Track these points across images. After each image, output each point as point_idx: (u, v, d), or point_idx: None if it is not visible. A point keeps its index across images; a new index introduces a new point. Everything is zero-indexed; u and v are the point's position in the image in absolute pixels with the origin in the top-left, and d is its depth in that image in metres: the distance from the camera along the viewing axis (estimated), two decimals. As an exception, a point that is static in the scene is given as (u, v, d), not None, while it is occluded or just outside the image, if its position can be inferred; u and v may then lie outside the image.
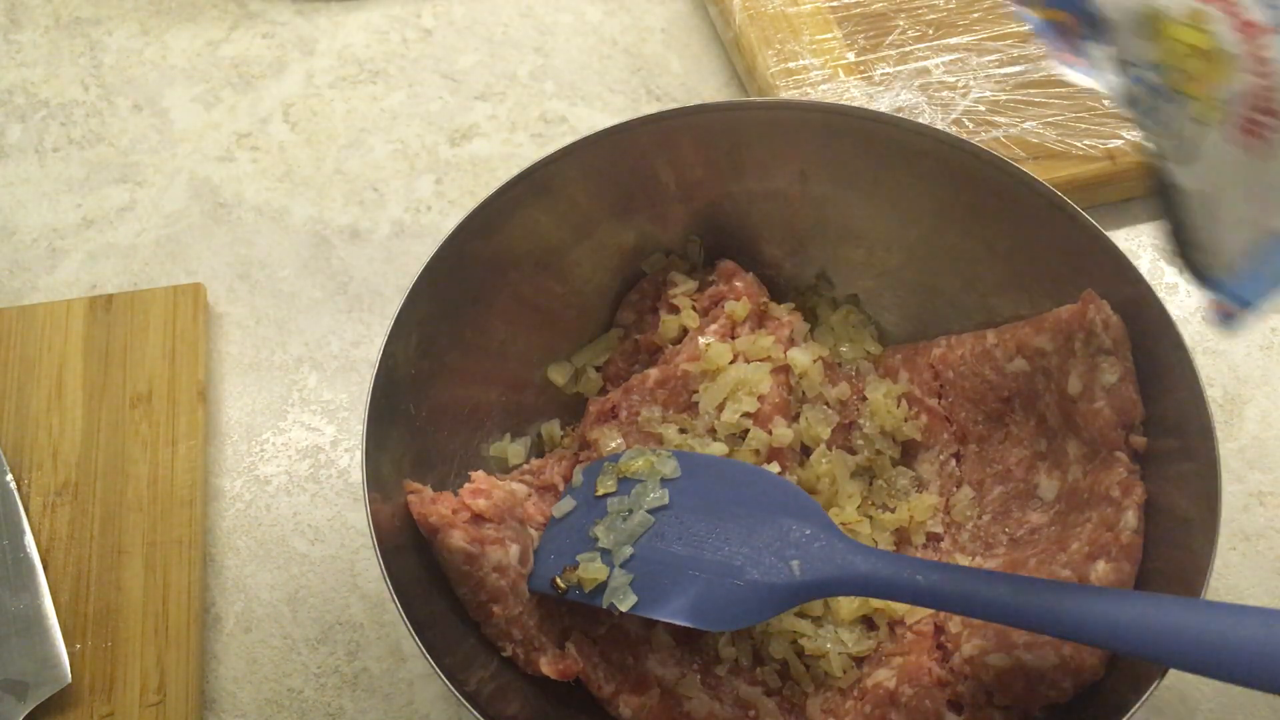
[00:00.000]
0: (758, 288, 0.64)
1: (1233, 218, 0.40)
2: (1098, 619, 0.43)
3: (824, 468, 0.59)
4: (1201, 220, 0.40)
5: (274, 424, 0.71)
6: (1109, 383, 0.54)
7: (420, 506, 0.53)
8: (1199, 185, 0.39)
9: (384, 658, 0.62)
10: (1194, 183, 0.39)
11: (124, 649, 0.61)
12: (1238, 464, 0.68)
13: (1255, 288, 0.41)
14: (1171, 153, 0.39)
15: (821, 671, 0.56)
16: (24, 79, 0.87)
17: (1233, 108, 0.38)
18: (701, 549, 0.52)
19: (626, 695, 0.53)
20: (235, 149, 0.83)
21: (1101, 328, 0.55)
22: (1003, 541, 0.58)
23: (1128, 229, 0.77)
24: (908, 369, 0.63)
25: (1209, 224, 0.40)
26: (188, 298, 0.72)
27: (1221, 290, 0.41)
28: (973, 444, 0.61)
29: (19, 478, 0.66)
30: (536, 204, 0.61)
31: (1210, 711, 0.60)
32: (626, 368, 0.66)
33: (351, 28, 0.89)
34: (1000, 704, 0.51)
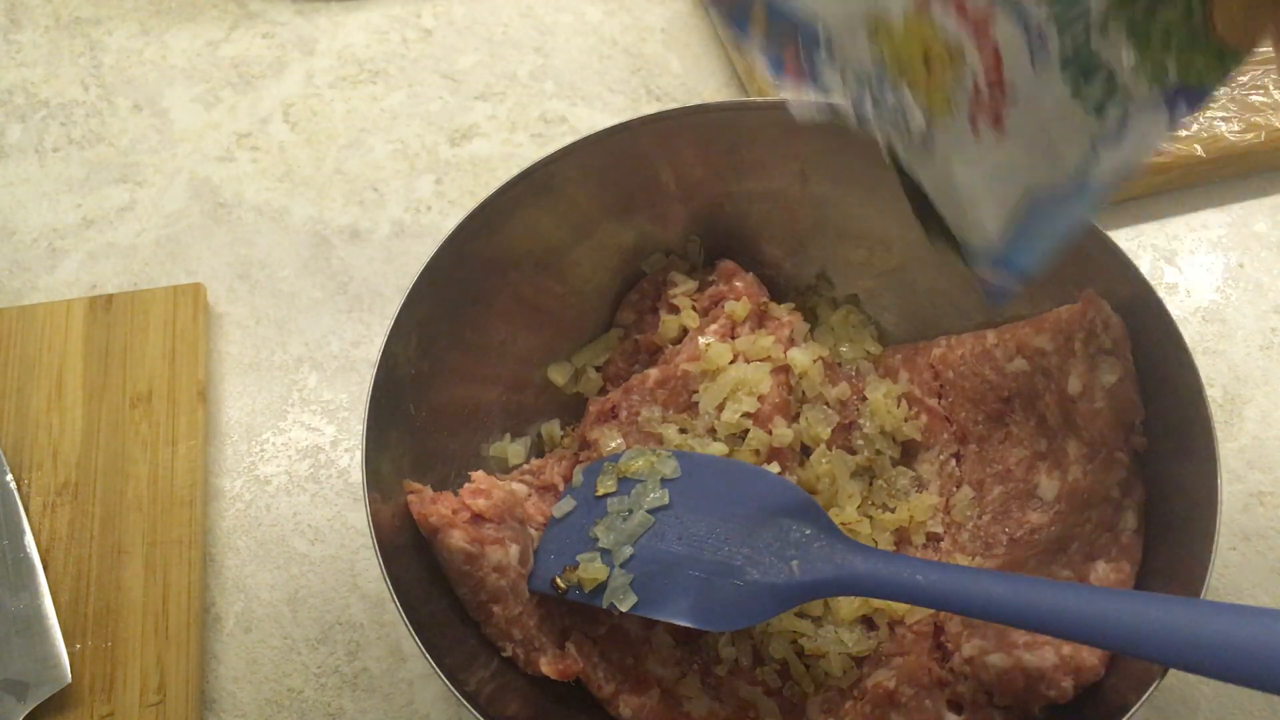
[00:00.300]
0: (758, 288, 0.64)
1: (983, 195, 0.41)
2: (1098, 619, 0.43)
3: (824, 468, 0.59)
4: (952, 207, 0.41)
5: (274, 424, 0.71)
6: (1109, 383, 0.54)
7: (420, 506, 0.53)
8: (940, 175, 0.40)
9: (384, 658, 0.62)
10: (934, 173, 0.40)
11: (124, 649, 0.61)
12: (1238, 464, 0.68)
13: (1026, 252, 0.42)
14: (906, 150, 0.39)
15: (821, 671, 0.56)
16: (24, 79, 0.87)
17: (961, 95, 0.39)
18: (701, 549, 0.52)
19: (626, 695, 0.53)
20: (235, 149, 0.83)
21: (1101, 328, 0.55)
22: (1003, 541, 0.58)
23: (1128, 229, 0.77)
24: (908, 369, 0.63)
25: (961, 208, 0.41)
26: (188, 298, 0.72)
27: (995, 265, 0.42)
28: (973, 444, 0.61)
29: (19, 478, 0.66)
30: (536, 204, 0.61)
31: (1210, 711, 0.60)
32: (626, 368, 0.66)
33: (351, 28, 0.89)
34: (1000, 704, 0.51)
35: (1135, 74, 0.39)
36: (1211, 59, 0.40)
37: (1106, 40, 0.39)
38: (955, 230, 0.41)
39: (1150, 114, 0.40)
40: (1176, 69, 0.39)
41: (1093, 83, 0.40)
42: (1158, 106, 0.40)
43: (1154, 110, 0.40)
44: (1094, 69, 0.39)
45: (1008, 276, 0.42)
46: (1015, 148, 0.41)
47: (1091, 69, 0.39)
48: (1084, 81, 0.40)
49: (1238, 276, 0.75)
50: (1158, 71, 0.39)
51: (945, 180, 0.41)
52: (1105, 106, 0.40)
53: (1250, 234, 0.77)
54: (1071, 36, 0.39)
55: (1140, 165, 0.42)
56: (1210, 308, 0.74)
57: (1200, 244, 0.77)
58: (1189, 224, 0.78)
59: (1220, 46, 0.39)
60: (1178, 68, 0.39)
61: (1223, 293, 0.75)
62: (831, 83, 0.38)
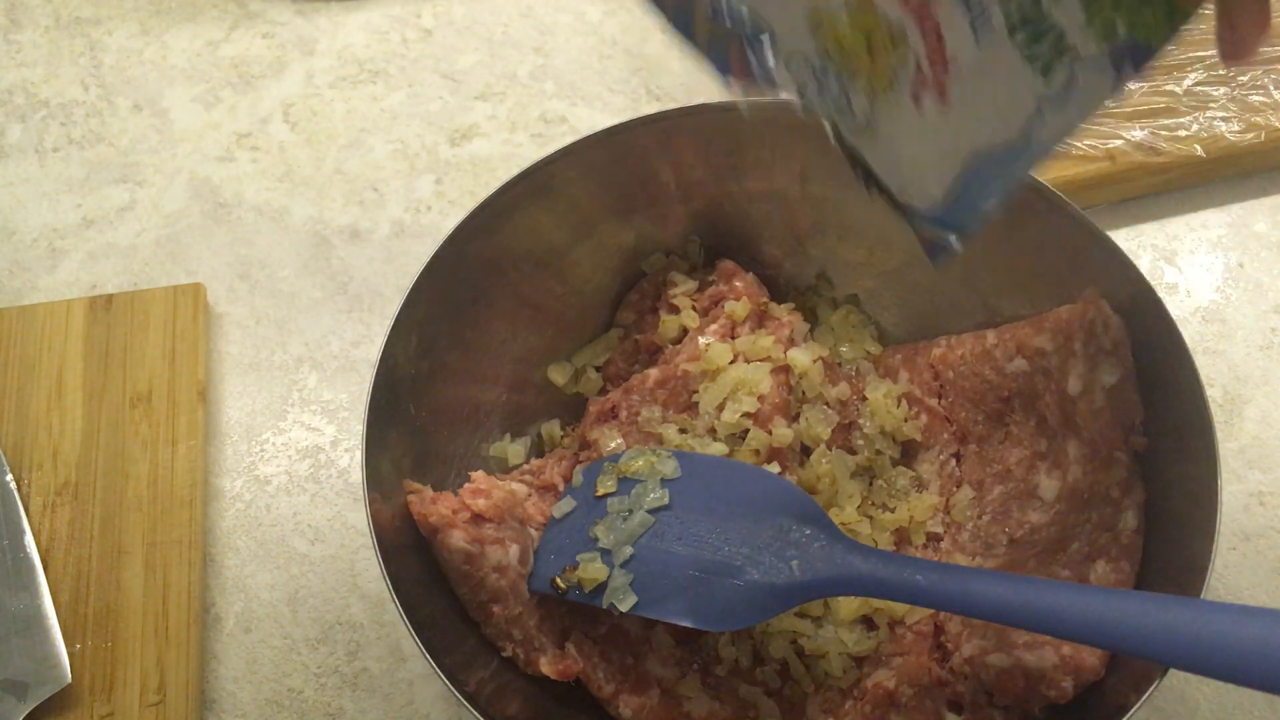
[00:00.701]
0: (758, 288, 0.64)
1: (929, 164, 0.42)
2: (1098, 619, 0.43)
3: (824, 468, 0.59)
4: (896, 177, 0.42)
5: (274, 424, 0.71)
6: (1109, 383, 0.54)
7: (420, 506, 0.53)
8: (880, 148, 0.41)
9: (384, 658, 0.62)
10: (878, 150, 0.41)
11: (124, 649, 0.61)
12: (1238, 464, 0.68)
13: (968, 211, 0.43)
14: (850, 130, 0.40)
15: (821, 671, 0.56)
16: (24, 79, 0.87)
17: (904, 75, 0.40)
18: (701, 549, 0.52)
19: (626, 695, 0.53)
20: (235, 149, 0.83)
21: (1101, 328, 0.55)
22: (1003, 541, 0.58)
23: (1128, 229, 0.77)
24: (908, 369, 0.63)
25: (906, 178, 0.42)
26: (188, 298, 0.72)
27: (933, 223, 0.43)
28: (973, 444, 0.61)
29: (19, 478, 0.66)
30: (536, 204, 0.61)
31: (1210, 711, 0.60)
32: (626, 368, 0.66)
33: (351, 28, 0.89)
34: (1000, 704, 0.51)
35: (1084, 32, 0.41)
36: (1160, 14, 0.41)
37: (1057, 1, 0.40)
38: (900, 196, 0.43)
39: (1097, 73, 0.41)
40: (1125, 25, 0.41)
41: (1042, 43, 0.41)
42: (1104, 66, 0.41)
43: (1101, 70, 0.41)
44: (1043, 30, 0.40)
45: (950, 235, 0.44)
46: (961, 117, 0.42)
47: (1041, 30, 0.40)
48: (1033, 43, 0.41)
49: (1238, 276, 0.75)
50: (1107, 29, 0.41)
51: (890, 155, 0.42)
52: (1053, 66, 0.41)
53: (1250, 234, 0.77)
54: (1018, 4, 0.40)
55: (1082, 126, 0.43)
56: (1210, 308, 0.74)
57: (1200, 244, 0.77)
58: (1189, 224, 0.78)
59: (1169, 1, 0.40)
60: (1127, 24, 0.41)
61: (1223, 293, 0.75)
62: (777, 77, 0.39)
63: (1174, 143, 0.75)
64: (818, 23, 0.39)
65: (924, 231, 0.44)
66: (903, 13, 0.40)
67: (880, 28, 0.40)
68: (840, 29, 0.39)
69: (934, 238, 0.44)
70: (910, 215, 0.43)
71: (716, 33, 0.38)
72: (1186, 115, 0.76)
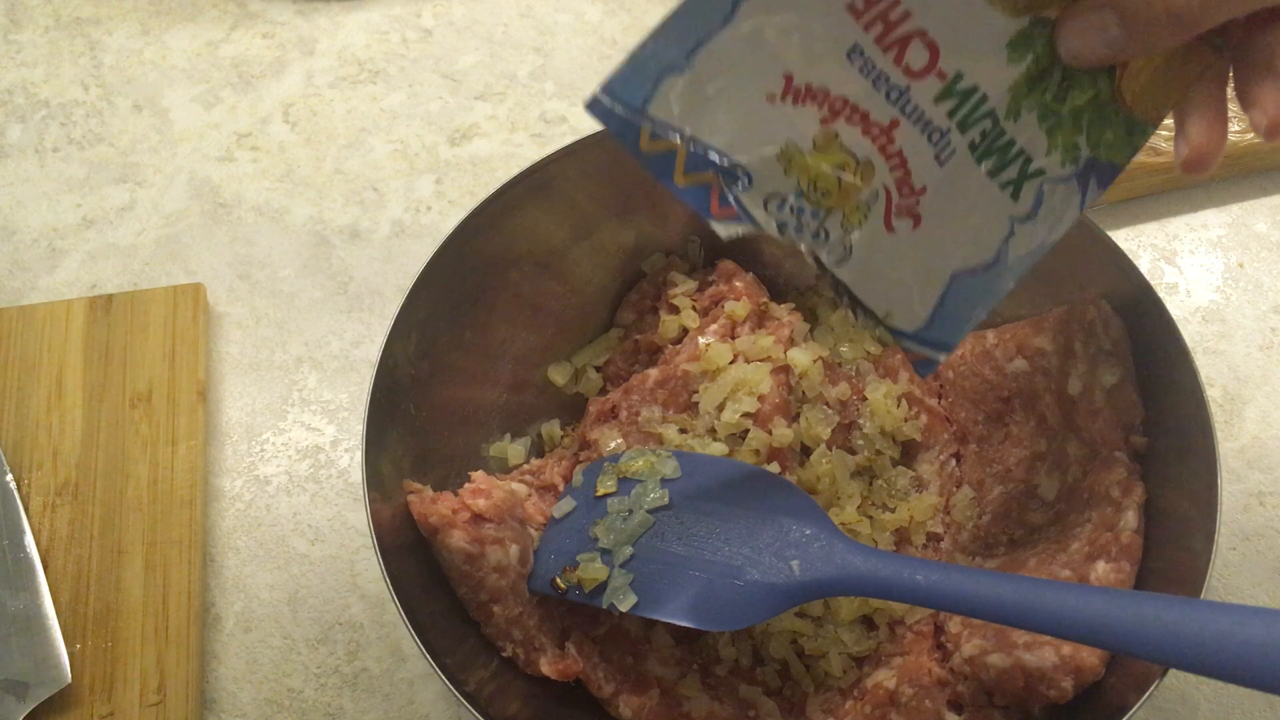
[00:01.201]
0: (758, 288, 0.64)
1: (909, 286, 0.44)
2: (1098, 619, 0.43)
3: (824, 468, 0.59)
4: (878, 299, 0.44)
5: (274, 424, 0.71)
6: (1109, 383, 0.54)
7: (420, 506, 0.53)
8: (862, 275, 0.43)
9: (384, 658, 0.62)
10: (856, 275, 0.43)
11: (124, 649, 0.61)
12: (1238, 464, 0.68)
13: (948, 327, 0.45)
14: (829, 257, 0.42)
15: (821, 671, 0.56)
16: (24, 79, 0.87)
17: (876, 203, 0.42)
18: (701, 549, 0.52)
19: (626, 695, 0.53)
20: (235, 149, 0.83)
21: (1101, 328, 0.55)
22: (1003, 542, 0.58)
23: (1128, 229, 0.77)
24: (908, 369, 0.63)
25: (888, 299, 0.44)
26: (188, 298, 0.72)
27: (921, 342, 0.45)
28: (973, 444, 0.61)
29: (19, 478, 0.66)
30: (536, 204, 0.61)
31: (1210, 711, 0.60)
32: (626, 368, 0.66)
33: (351, 28, 0.89)
34: (1000, 704, 0.51)
35: (1049, 154, 0.43)
36: (1121, 133, 0.43)
37: (1018, 125, 0.42)
38: (883, 317, 0.44)
39: (1064, 191, 0.44)
40: (1088, 145, 0.43)
41: (1008, 165, 0.43)
42: (1070, 184, 0.44)
43: (1067, 187, 0.44)
44: (1009, 153, 0.43)
45: (933, 350, 0.46)
46: (937, 240, 0.44)
47: (1006, 153, 0.43)
48: (1000, 167, 0.43)
49: (1238, 276, 0.75)
50: (1069, 151, 0.43)
51: (872, 281, 0.44)
52: (1021, 186, 0.43)
53: (1250, 234, 0.77)
54: (979, 129, 0.42)
55: (1054, 242, 0.45)
56: (1210, 308, 0.74)
57: (1200, 244, 0.77)
58: (1189, 224, 0.78)
59: (1129, 119, 0.43)
60: (1089, 144, 0.43)
61: (1223, 293, 0.75)
62: (755, 212, 0.41)
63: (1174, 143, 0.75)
64: (790, 163, 0.40)
65: (911, 350, 0.46)
66: (869, 147, 0.41)
67: (849, 162, 0.41)
68: (811, 167, 0.41)
69: (919, 354, 0.46)
70: (896, 336, 0.45)
71: (695, 179, 0.40)
72: (1186, 115, 0.76)
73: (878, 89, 0.41)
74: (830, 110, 0.40)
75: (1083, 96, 0.42)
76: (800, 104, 0.40)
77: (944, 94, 0.41)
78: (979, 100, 0.42)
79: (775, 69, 0.39)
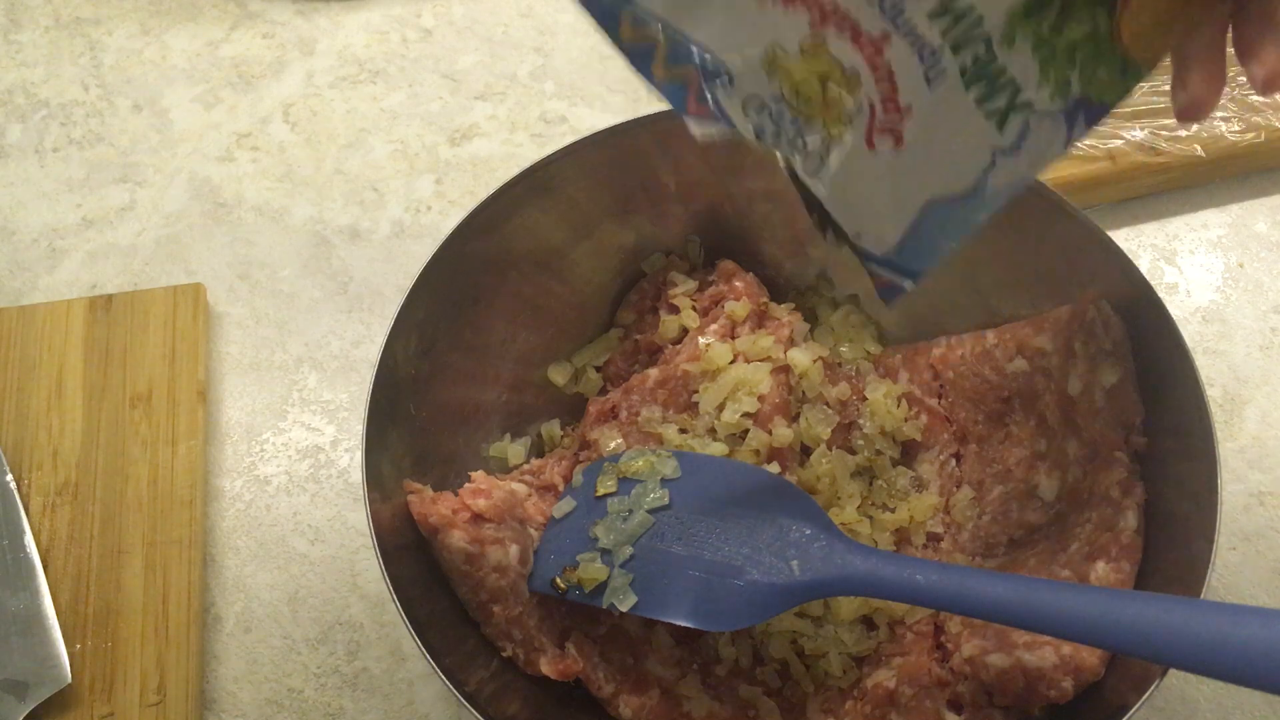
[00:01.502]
0: (758, 288, 0.64)
1: (883, 207, 0.43)
2: (1098, 619, 0.43)
3: (824, 468, 0.59)
4: (850, 218, 0.43)
5: (274, 424, 0.71)
6: (1109, 383, 0.54)
7: (420, 506, 0.53)
8: (837, 190, 0.42)
9: (384, 658, 0.62)
10: (831, 189, 0.42)
11: (124, 649, 0.61)
12: (1238, 464, 0.68)
13: (920, 254, 0.44)
14: (804, 167, 0.41)
15: (821, 671, 0.56)
16: (24, 79, 0.87)
17: (859, 118, 0.41)
18: (701, 549, 0.52)
19: (626, 695, 0.53)
20: (235, 149, 0.83)
21: (1101, 328, 0.55)
22: (1003, 542, 0.58)
23: (1128, 229, 0.77)
24: (908, 369, 0.63)
25: (860, 219, 0.43)
26: (188, 298, 0.72)
27: (887, 266, 0.44)
28: (973, 444, 0.61)
29: (19, 478, 0.66)
30: (536, 204, 0.61)
31: (1210, 711, 0.60)
32: (626, 368, 0.66)
33: (351, 28, 0.89)
34: (1000, 704, 0.51)
35: (1039, 86, 0.41)
36: (1114, 72, 0.42)
37: (1011, 53, 0.41)
38: (852, 237, 0.43)
39: (1050, 126, 0.42)
40: (1080, 82, 0.41)
41: (997, 94, 0.42)
42: (1058, 120, 0.42)
43: (1054, 124, 0.42)
44: (998, 80, 0.41)
45: (900, 276, 0.45)
46: (916, 163, 0.42)
47: (996, 80, 0.41)
48: (988, 95, 0.42)
49: (1238, 276, 0.75)
50: (1060, 84, 0.41)
51: (846, 198, 0.43)
52: (1008, 117, 0.42)
53: (1250, 234, 0.77)
54: (971, 53, 0.41)
55: (1035, 178, 0.44)
56: (1210, 308, 0.74)
57: (1200, 244, 0.77)
58: (1189, 224, 0.78)
59: (1125, 59, 0.41)
60: (1081, 80, 0.41)
61: (1223, 293, 0.75)
62: (733, 113, 0.40)
63: (1174, 143, 0.75)
64: (774, 66, 0.40)
65: (878, 274, 0.45)
66: (857, 58, 0.40)
67: (835, 72, 0.40)
68: (795, 72, 0.40)
69: (887, 280, 0.45)
70: (864, 258, 0.44)
71: (675, 73, 0.39)
72: (1186, 115, 0.76)
73: (872, 1, 0.39)
74: (820, 16, 0.39)
75: (1080, 30, 0.41)
76: (790, 6, 0.39)
77: (940, 11, 0.40)
78: (975, 22, 0.40)
79: None
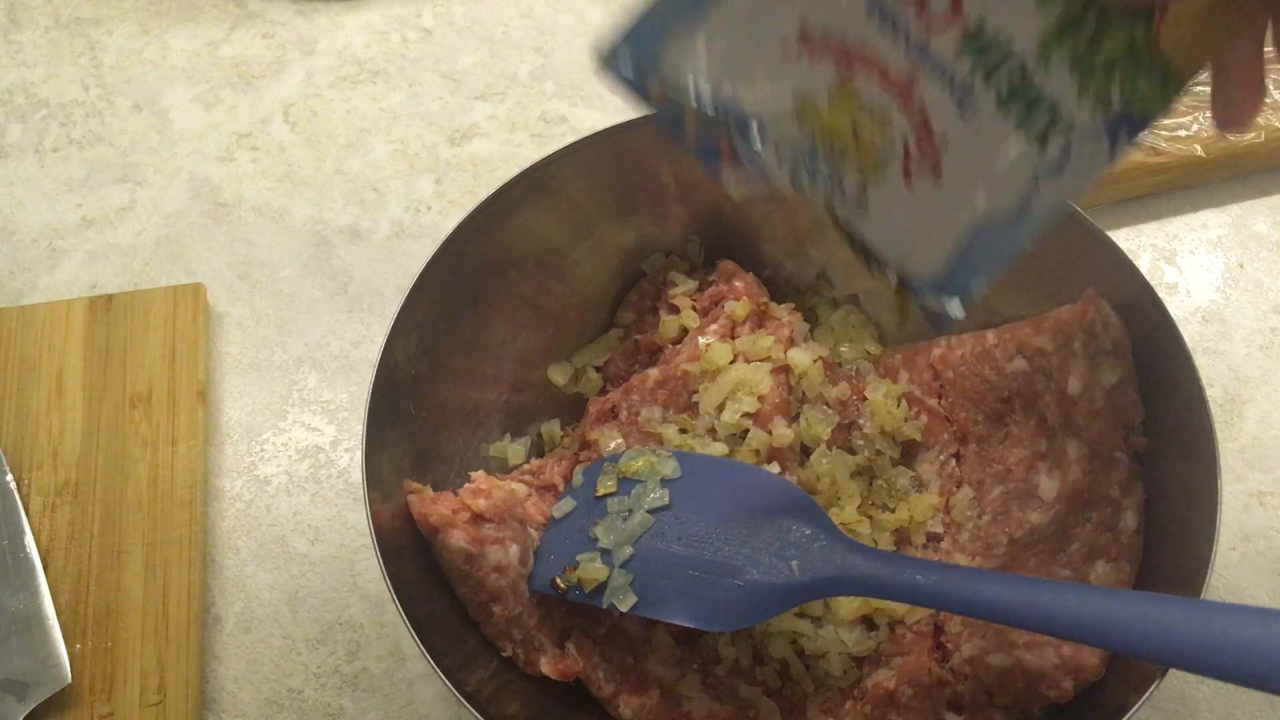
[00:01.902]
0: (758, 288, 0.64)
1: (927, 236, 0.43)
2: (1098, 619, 0.43)
3: (824, 468, 0.59)
4: (894, 250, 0.43)
5: (274, 424, 0.71)
6: (1109, 383, 0.54)
7: (420, 506, 0.53)
8: (878, 226, 0.42)
9: (384, 658, 0.62)
10: (871, 227, 0.42)
11: (124, 649, 0.61)
12: (1238, 464, 0.68)
13: (968, 279, 0.43)
14: (843, 209, 0.41)
15: (821, 671, 0.56)
16: (24, 79, 0.87)
17: (893, 156, 0.41)
18: (701, 549, 0.52)
19: (626, 695, 0.53)
20: (235, 149, 0.83)
21: (1101, 328, 0.55)
22: (1002, 542, 0.58)
23: (1128, 229, 0.77)
24: (908, 369, 0.63)
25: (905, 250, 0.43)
26: (188, 298, 0.72)
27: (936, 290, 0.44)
28: (973, 444, 0.61)
29: (19, 478, 0.66)
30: (536, 204, 0.61)
31: (1210, 711, 0.60)
32: (626, 368, 0.66)
33: (351, 28, 0.89)
34: (1000, 704, 0.51)
35: (1079, 104, 0.41)
36: (1155, 83, 0.41)
37: (1048, 73, 0.41)
38: (898, 269, 0.43)
39: (1092, 143, 0.42)
40: (1120, 95, 0.41)
41: (1035, 116, 0.41)
42: (1099, 135, 0.42)
43: (1096, 139, 0.42)
44: (1036, 102, 0.41)
45: (950, 303, 0.44)
46: (956, 191, 0.42)
47: (1033, 103, 0.41)
48: (1026, 115, 0.41)
49: (1238, 276, 0.75)
50: (1101, 98, 0.41)
51: (886, 230, 0.42)
52: (1048, 136, 0.42)
53: (1250, 234, 0.77)
54: (1005, 78, 0.41)
55: (1080, 195, 0.44)
56: (1210, 308, 0.74)
57: (1200, 244, 0.77)
58: (1189, 224, 0.78)
59: (1165, 68, 0.41)
60: (1122, 94, 0.41)
61: (1223, 293, 0.75)
62: (767, 163, 0.40)
63: (1174, 143, 0.75)
64: (803, 111, 0.40)
65: (925, 301, 0.44)
66: (885, 97, 0.40)
67: (864, 113, 0.40)
68: (827, 118, 0.40)
69: (935, 306, 0.44)
70: (911, 284, 0.44)
71: (705, 124, 0.39)
72: (1186, 115, 0.76)
73: (897, 41, 0.39)
74: (847, 63, 0.39)
75: (1117, 43, 0.40)
76: (816, 57, 0.39)
77: (967, 44, 0.40)
78: (1004, 47, 0.40)
79: (791, 20, 0.38)
